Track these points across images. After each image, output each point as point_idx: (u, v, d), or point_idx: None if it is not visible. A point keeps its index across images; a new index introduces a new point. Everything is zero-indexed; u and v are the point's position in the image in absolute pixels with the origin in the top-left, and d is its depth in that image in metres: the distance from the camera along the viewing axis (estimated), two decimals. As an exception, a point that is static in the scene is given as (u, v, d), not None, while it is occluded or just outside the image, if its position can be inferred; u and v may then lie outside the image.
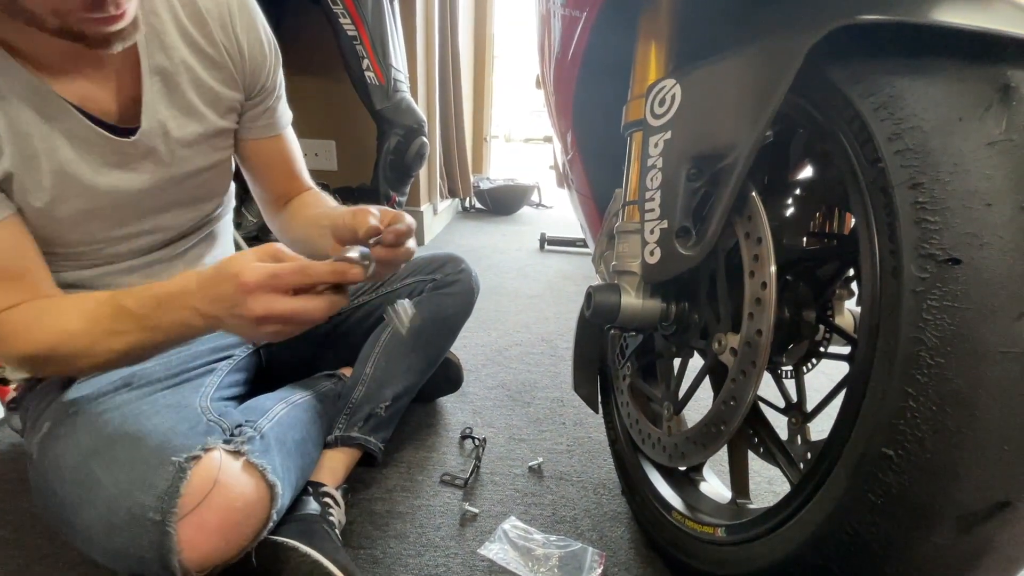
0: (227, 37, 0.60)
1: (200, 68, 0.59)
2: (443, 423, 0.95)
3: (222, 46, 0.60)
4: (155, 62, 0.55)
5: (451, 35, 2.34)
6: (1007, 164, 0.34)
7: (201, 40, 0.58)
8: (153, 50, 0.55)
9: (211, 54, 0.59)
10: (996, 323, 0.33)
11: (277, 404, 0.64)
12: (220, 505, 0.48)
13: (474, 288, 0.86)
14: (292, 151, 0.73)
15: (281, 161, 0.71)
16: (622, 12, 0.58)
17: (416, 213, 2.14)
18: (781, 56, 0.42)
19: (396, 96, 1.69)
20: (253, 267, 0.44)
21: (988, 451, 0.33)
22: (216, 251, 0.73)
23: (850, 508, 0.38)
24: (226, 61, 0.60)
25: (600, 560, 0.65)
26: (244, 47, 0.61)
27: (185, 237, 0.66)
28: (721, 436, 0.51)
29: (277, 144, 0.70)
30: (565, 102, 0.73)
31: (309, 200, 0.73)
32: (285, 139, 0.71)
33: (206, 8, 0.58)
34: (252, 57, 0.62)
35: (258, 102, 0.66)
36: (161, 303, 0.48)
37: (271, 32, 0.65)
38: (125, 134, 0.55)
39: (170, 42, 0.56)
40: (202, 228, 0.69)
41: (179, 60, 0.57)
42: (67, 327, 0.49)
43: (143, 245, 0.62)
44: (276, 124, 0.69)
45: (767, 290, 0.46)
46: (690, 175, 0.50)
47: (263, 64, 0.64)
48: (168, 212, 0.62)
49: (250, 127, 0.67)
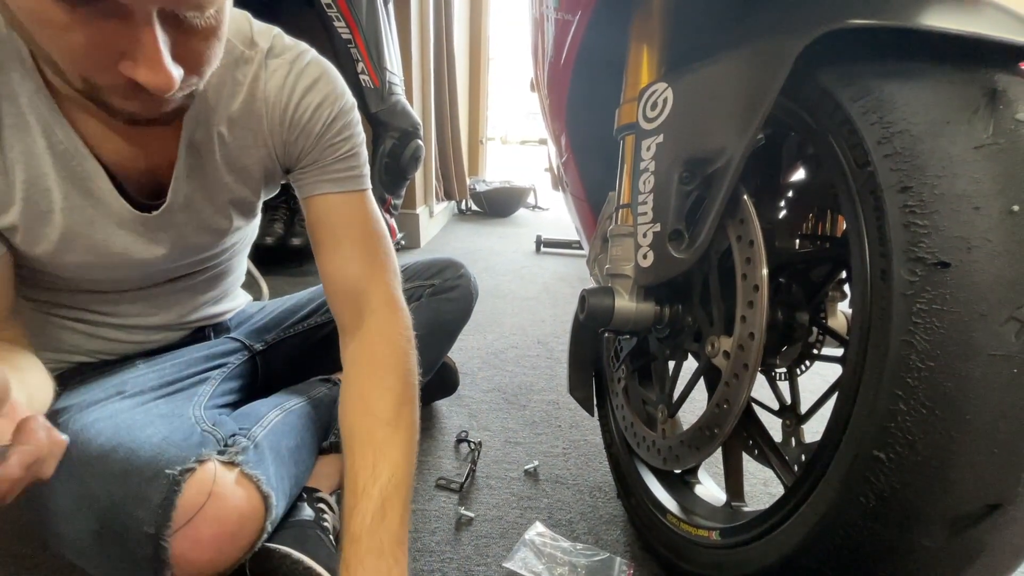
0: (290, 133, 0.56)
1: (236, 145, 0.55)
2: (439, 427, 0.95)
3: (278, 137, 0.56)
4: (193, 137, 0.52)
5: (446, 37, 2.35)
6: (995, 168, 0.34)
7: (257, 128, 0.55)
8: (192, 126, 0.52)
9: (256, 136, 0.55)
10: (985, 326, 0.33)
11: (271, 410, 0.64)
12: (214, 518, 0.48)
13: (473, 294, 0.86)
14: (375, 221, 0.61)
15: (355, 230, 0.60)
16: (614, 16, 0.59)
17: (412, 216, 2.14)
18: (771, 60, 0.42)
19: (391, 99, 1.69)
20: None
21: (978, 454, 0.33)
22: (225, 283, 0.70)
23: (842, 511, 0.38)
24: (270, 146, 0.56)
25: (628, 570, 0.64)
26: (296, 129, 0.56)
27: (194, 274, 0.64)
28: (715, 439, 0.51)
29: (350, 203, 0.59)
30: (559, 105, 0.73)
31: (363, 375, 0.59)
32: (364, 201, 0.61)
33: (293, 119, 0.55)
34: (301, 136, 0.57)
35: (321, 164, 0.58)
36: None
37: (360, 127, 0.60)
38: (148, 209, 0.53)
39: (217, 119, 0.53)
40: (217, 266, 0.66)
41: (216, 134, 0.53)
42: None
43: (152, 280, 0.60)
44: (353, 179, 0.59)
45: (759, 293, 0.46)
46: (682, 178, 0.50)
47: (334, 145, 0.58)
48: (180, 265, 0.61)
49: (313, 183, 0.59)
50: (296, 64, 0.56)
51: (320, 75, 0.57)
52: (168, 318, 0.64)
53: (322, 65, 0.57)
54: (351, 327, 0.59)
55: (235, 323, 0.78)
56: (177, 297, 0.63)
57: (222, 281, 0.70)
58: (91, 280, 0.56)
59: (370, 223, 0.60)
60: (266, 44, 0.55)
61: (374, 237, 0.60)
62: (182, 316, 0.66)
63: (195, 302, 0.66)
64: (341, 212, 0.59)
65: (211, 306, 0.70)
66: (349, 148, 0.59)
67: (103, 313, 0.60)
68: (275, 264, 1.79)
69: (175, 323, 0.66)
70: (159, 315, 0.63)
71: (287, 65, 0.55)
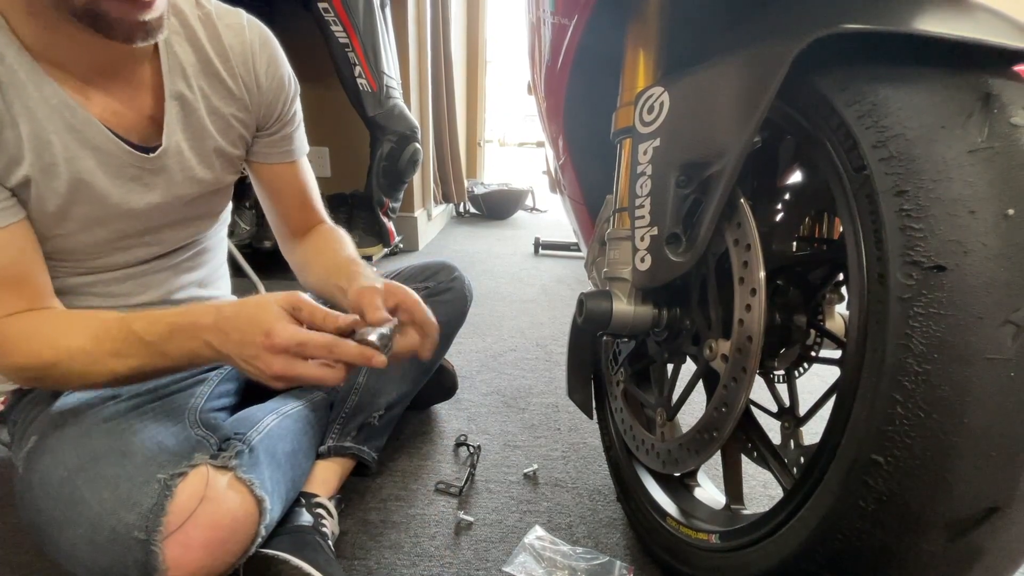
0: (247, 72, 0.63)
1: (216, 97, 0.62)
2: (437, 431, 0.95)
3: (241, 80, 0.63)
4: (176, 89, 0.58)
5: (443, 40, 2.35)
6: (989, 171, 0.34)
7: (222, 72, 0.61)
8: (175, 78, 0.58)
9: (229, 85, 0.62)
10: (981, 330, 0.33)
11: (268, 415, 0.64)
12: (206, 523, 0.48)
13: (467, 296, 0.86)
14: (306, 180, 0.75)
15: (296, 189, 0.73)
16: (610, 20, 0.59)
17: (410, 219, 2.14)
18: (767, 64, 0.42)
19: (388, 102, 1.69)
20: (284, 329, 0.45)
21: (976, 457, 0.33)
22: (208, 265, 0.73)
23: (841, 515, 0.38)
24: (243, 94, 0.63)
25: (628, 574, 0.64)
26: (263, 82, 0.64)
27: (179, 250, 0.68)
28: (714, 443, 0.51)
29: (292, 171, 0.72)
30: (556, 108, 0.73)
31: (324, 244, 0.73)
32: (300, 168, 0.73)
33: (230, 44, 0.61)
34: (269, 91, 0.65)
35: (274, 131, 0.68)
36: (173, 332, 0.49)
37: (290, 67, 0.68)
38: (146, 151, 0.57)
39: (192, 72, 0.59)
40: (196, 243, 0.70)
41: (197, 88, 0.60)
42: (70, 343, 0.50)
43: (139, 256, 0.63)
44: (292, 152, 0.71)
45: (757, 296, 0.46)
46: (679, 182, 0.50)
47: (279, 97, 0.67)
48: (169, 228, 0.64)
49: (267, 152, 0.69)
50: (252, 24, 0.64)
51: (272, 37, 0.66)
52: (157, 294, 0.66)
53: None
54: (301, 234, 0.75)
55: None
56: (164, 275, 0.66)
57: (203, 262, 0.72)
58: (92, 245, 0.58)
59: (312, 180, 0.76)
60: (211, 7, 0.61)
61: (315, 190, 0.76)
62: (169, 293, 0.67)
63: (180, 280, 0.69)
64: (295, 175, 0.73)
65: (196, 288, 0.71)
66: (299, 117, 0.72)
67: (96, 295, 0.61)
68: (272, 268, 1.78)
69: (163, 300, 0.67)
70: (146, 293, 0.65)
71: (242, 26, 0.63)
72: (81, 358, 0.50)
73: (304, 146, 0.74)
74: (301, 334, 0.46)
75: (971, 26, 0.37)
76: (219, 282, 0.77)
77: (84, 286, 0.60)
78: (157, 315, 0.51)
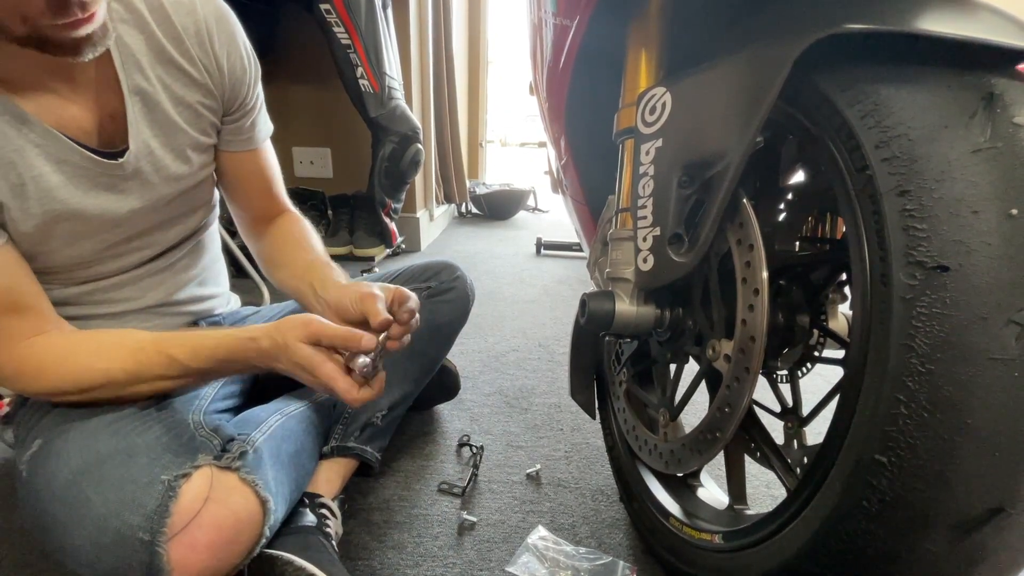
0: (205, 53, 0.59)
1: (179, 86, 0.58)
2: (440, 431, 0.95)
3: (200, 63, 0.59)
4: (134, 83, 0.55)
5: (445, 40, 2.35)
6: (992, 171, 0.34)
7: (179, 58, 0.57)
8: (131, 71, 0.54)
9: (189, 71, 0.58)
10: (985, 329, 0.33)
11: (271, 416, 0.64)
12: (210, 524, 0.48)
13: (469, 295, 0.86)
14: (270, 166, 0.72)
15: (259, 177, 0.71)
16: (612, 20, 0.59)
17: (412, 219, 2.14)
18: (769, 64, 0.42)
19: (390, 103, 1.69)
20: (322, 367, 0.51)
21: (980, 457, 0.33)
22: (203, 261, 0.72)
23: (845, 515, 0.38)
24: (205, 78, 0.59)
25: (631, 574, 0.64)
26: (223, 63, 0.60)
27: (173, 250, 0.67)
28: (717, 443, 0.51)
29: (254, 158, 0.69)
30: (558, 109, 0.73)
31: (292, 239, 0.71)
32: (263, 153, 0.71)
33: (182, 25, 0.57)
34: (232, 72, 0.61)
35: (238, 116, 0.65)
36: (221, 362, 0.54)
37: (250, 45, 0.64)
38: (112, 157, 0.54)
39: (147, 61, 0.55)
40: (189, 240, 0.69)
41: (156, 79, 0.56)
42: (108, 367, 0.53)
43: (132, 262, 0.62)
44: (255, 138, 0.68)
45: (759, 296, 0.46)
46: (681, 182, 0.50)
47: (243, 79, 0.63)
48: (158, 230, 0.63)
49: (230, 140, 0.66)
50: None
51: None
52: (157, 297, 0.65)
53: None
54: (265, 222, 0.74)
55: (232, 325, 0.78)
56: (161, 277, 0.66)
57: (198, 257, 0.71)
58: (79, 257, 0.57)
59: (275, 165, 0.74)
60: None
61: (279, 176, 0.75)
62: (169, 295, 0.67)
63: (177, 280, 0.68)
64: (259, 161, 0.70)
65: (196, 287, 0.71)
66: (262, 99, 0.69)
67: (95, 303, 0.61)
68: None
69: (164, 303, 0.66)
70: (147, 296, 0.64)
71: (193, 2, 0.59)
72: (120, 380, 0.53)
73: (267, 127, 0.70)
74: (333, 378, 0.52)
75: (974, 25, 0.36)
76: (218, 278, 0.76)
77: (82, 295, 0.59)
78: (196, 343, 0.54)
